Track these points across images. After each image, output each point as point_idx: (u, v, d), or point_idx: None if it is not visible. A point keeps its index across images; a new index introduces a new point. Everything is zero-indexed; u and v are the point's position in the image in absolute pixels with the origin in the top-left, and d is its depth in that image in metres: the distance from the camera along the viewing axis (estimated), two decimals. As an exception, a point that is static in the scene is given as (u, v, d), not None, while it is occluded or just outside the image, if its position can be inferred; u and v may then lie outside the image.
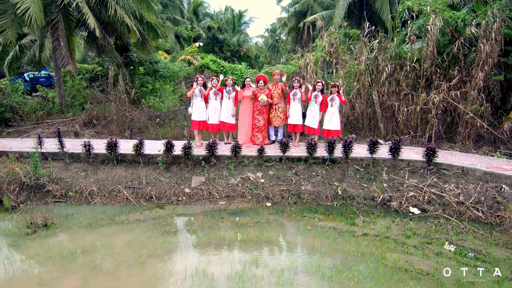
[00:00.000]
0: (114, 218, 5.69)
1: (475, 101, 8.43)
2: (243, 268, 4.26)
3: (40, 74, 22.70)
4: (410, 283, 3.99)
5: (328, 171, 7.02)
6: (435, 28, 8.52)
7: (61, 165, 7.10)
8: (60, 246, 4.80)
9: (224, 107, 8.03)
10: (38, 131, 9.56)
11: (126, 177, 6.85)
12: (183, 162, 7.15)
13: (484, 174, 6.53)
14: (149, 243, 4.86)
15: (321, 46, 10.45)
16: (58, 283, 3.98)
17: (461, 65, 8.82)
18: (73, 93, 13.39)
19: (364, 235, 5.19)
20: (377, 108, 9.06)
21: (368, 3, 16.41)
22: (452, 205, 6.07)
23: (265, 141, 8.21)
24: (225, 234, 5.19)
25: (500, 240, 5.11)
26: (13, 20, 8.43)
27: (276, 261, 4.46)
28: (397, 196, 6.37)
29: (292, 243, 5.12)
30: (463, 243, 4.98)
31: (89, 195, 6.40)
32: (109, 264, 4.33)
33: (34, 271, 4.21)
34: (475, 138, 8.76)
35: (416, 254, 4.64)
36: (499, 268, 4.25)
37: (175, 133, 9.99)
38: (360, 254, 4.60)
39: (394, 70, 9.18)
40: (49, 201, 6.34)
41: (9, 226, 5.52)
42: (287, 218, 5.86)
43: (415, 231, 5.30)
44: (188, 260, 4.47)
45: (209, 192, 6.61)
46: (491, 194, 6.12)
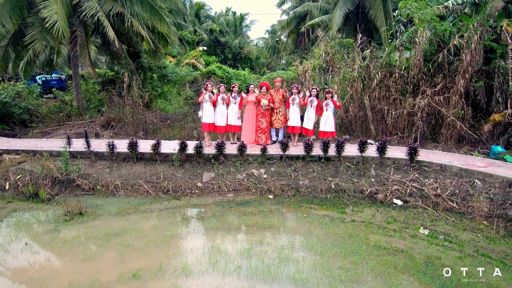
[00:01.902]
0: (138, 207, 6.57)
1: (457, 105, 9.28)
2: (250, 245, 5.13)
3: (51, 77, 23.63)
4: (387, 257, 4.84)
5: (323, 168, 7.89)
6: (422, 40, 9.37)
7: (88, 162, 7.98)
8: (95, 229, 5.68)
9: (231, 110, 8.89)
10: (60, 132, 10.46)
11: (145, 173, 7.73)
12: (195, 160, 8.02)
13: (459, 170, 7.39)
14: (170, 227, 5.74)
15: (318, 54, 11.31)
16: (100, 257, 4.85)
17: (445, 72, 9.67)
18: (88, 97, 14.29)
19: (352, 221, 6.05)
20: (368, 112, 9.92)
21: (364, 12, 17.25)
22: (430, 197, 6.93)
23: (267, 141, 9.07)
24: (234, 220, 6.06)
25: (468, 226, 5.96)
26: (41, 32, 9.30)
27: (277, 241, 5.33)
28: (383, 190, 7.23)
29: (290, 227, 5.99)
30: (435, 228, 5.84)
31: (114, 189, 7.28)
32: (139, 243, 5.20)
33: (77, 249, 5.07)
34: (457, 139, 9.60)
35: (394, 236, 5.50)
36: (499, 267, 5.11)
37: (184, 134, 10.86)
38: (347, 236, 5.47)
39: (384, 77, 10.03)
40: (79, 193, 7.22)
41: (48, 214, 6.39)
42: (287, 208, 6.72)
43: (395, 218, 6.17)
44: (205, 240, 5.35)
45: (218, 186, 7.48)
46: (464, 187, 6.98)
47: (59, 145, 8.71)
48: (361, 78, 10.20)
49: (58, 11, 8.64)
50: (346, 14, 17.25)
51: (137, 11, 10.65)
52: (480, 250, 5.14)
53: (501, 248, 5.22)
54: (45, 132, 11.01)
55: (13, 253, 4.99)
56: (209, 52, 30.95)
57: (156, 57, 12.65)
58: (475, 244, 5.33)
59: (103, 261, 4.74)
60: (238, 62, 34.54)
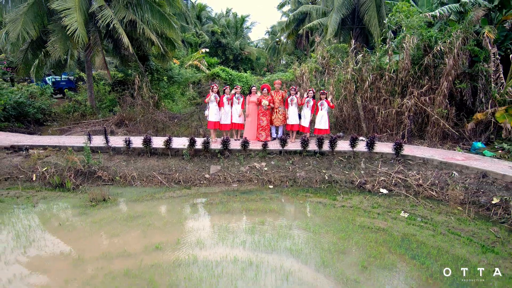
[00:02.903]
0: (154, 195, 7.37)
1: (441, 105, 10.07)
2: (253, 225, 5.92)
3: (61, 79, 24.44)
4: (370, 234, 5.64)
5: (318, 161, 8.68)
6: (409, 46, 10.15)
7: (106, 156, 8.78)
8: (119, 213, 6.47)
9: (234, 110, 9.69)
10: (78, 130, 11.26)
11: (158, 166, 8.53)
12: (203, 154, 8.82)
13: (440, 163, 8.18)
14: (184, 211, 6.54)
15: (315, 58, 12.10)
16: (126, 234, 5.64)
17: (431, 75, 10.46)
18: (99, 97, 15.08)
19: (342, 206, 6.84)
20: (360, 111, 10.71)
21: (359, 17, 18.02)
22: (413, 186, 7.72)
23: (267, 138, 9.87)
24: (238, 205, 6.85)
25: (443, 210, 6.76)
26: (61, 38, 10.08)
27: (276, 222, 6.12)
28: (371, 180, 8.02)
29: (288, 211, 6.78)
30: (414, 212, 6.64)
31: (131, 180, 8.07)
32: (158, 223, 6.00)
33: (106, 228, 5.87)
34: (442, 136, 10.39)
35: (378, 218, 6.30)
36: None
37: (191, 132, 11.65)
38: (337, 218, 6.26)
39: (375, 79, 10.82)
40: (100, 184, 8.02)
41: (75, 201, 7.17)
42: (285, 196, 7.52)
43: (380, 204, 6.97)
44: (214, 221, 6.15)
45: (224, 177, 8.28)
46: (443, 178, 7.77)
47: (78, 141, 9.54)
48: (354, 80, 11.00)
49: (77, 20, 9.44)
50: (342, 18, 18.02)
51: (148, 18, 11.45)
52: (451, 229, 5.93)
53: (470, 228, 6.01)
54: (63, 129, 11.80)
55: (49, 231, 5.79)
56: (210, 53, 31.71)
57: (165, 60, 13.45)
58: (448, 225, 6.12)
59: (129, 237, 5.54)
60: (239, 63, 35.24)
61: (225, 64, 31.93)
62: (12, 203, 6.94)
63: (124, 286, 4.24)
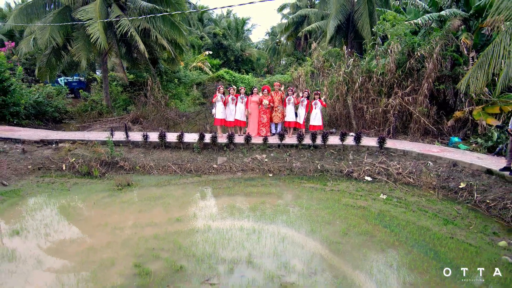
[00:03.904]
0: (170, 181, 8.47)
1: (422, 104, 11.14)
2: (255, 204, 7.02)
3: (73, 79, 25.56)
4: (352, 210, 6.73)
5: (311, 154, 9.78)
6: (394, 51, 11.23)
7: (126, 149, 9.88)
8: (142, 195, 7.57)
9: (238, 108, 10.78)
10: (97, 126, 12.36)
11: (172, 157, 9.63)
12: (211, 147, 9.92)
13: (418, 155, 9.27)
14: (196, 193, 7.64)
15: (311, 61, 13.18)
16: (150, 210, 6.74)
17: (413, 77, 11.53)
18: (113, 97, 16.16)
19: (331, 190, 7.93)
20: (351, 109, 11.79)
21: (353, 23, 19.08)
22: (393, 174, 8.81)
23: (267, 133, 10.95)
24: (243, 189, 7.95)
25: (417, 193, 7.85)
26: (84, 44, 11.17)
27: (274, 202, 7.22)
28: (357, 169, 9.11)
29: (284, 194, 7.87)
30: (392, 194, 7.73)
31: (149, 169, 9.18)
32: (176, 202, 7.10)
33: (133, 206, 6.97)
34: (424, 132, 11.46)
35: (360, 199, 7.39)
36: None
37: (199, 128, 12.75)
38: (326, 199, 7.36)
39: (364, 81, 11.90)
40: (122, 172, 9.11)
41: (103, 186, 8.27)
42: (282, 182, 8.60)
43: (363, 188, 8.06)
44: (223, 200, 7.25)
45: (230, 167, 9.37)
46: (420, 167, 8.86)
47: (100, 136, 10.64)
48: (346, 82, 12.07)
49: (99, 29, 10.52)
50: (338, 24, 19.07)
51: (160, 26, 12.52)
52: (421, 207, 7.03)
53: (437, 207, 7.10)
54: (83, 126, 12.91)
55: (85, 209, 6.89)
56: (212, 54, 32.75)
57: (174, 64, 14.55)
58: (418, 204, 7.21)
59: (153, 212, 6.64)
60: (239, 64, 36.20)
61: (226, 65, 32.91)
62: (49, 188, 8.05)
63: (154, 245, 5.33)
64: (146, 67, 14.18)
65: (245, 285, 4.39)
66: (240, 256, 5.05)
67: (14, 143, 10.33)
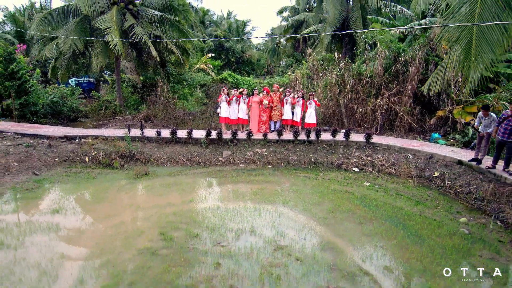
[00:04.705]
0: (181, 172, 9.55)
1: (406, 104, 12.21)
2: (256, 189, 8.09)
3: (83, 80, 26.65)
4: (339, 194, 7.81)
5: (306, 148, 10.86)
6: (381, 56, 12.31)
7: (141, 144, 10.96)
8: (158, 182, 8.65)
9: (241, 108, 11.85)
10: (113, 124, 13.44)
11: (182, 151, 10.71)
12: (217, 142, 11.00)
13: (400, 149, 10.34)
14: (205, 181, 8.72)
15: (307, 65, 14.26)
16: (167, 194, 7.81)
17: (399, 80, 12.60)
18: (124, 97, 17.24)
19: (322, 179, 9.01)
20: (342, 109, 12.87)
21: (348, 28, 20.13)
22: (378, 166, 9.89)
23: (267, 130, 12.02)
24: (245, 178, 9.03)
25: (396, 181, 8.92)
26: (102, 50, 12.23)
27: (273, 187, 8.30)
28: (346, 162, 10.19)
29: (282, 182, 8.94)
30: (375, 182, 8.81)
31: (163, 161, 10.26)
32: (188, 188, 8.18)
33: (152, 191, 8.04)
34: (408, 129, 12.54)
35: (347, 186, 8.47)
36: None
37: (205, 126, 13.82)
38: (317, 185, 8.44)
39: (355, 83, 12.97)
40: (139, 164, 10.17)
41: (124, 175, 9.34)
42: (280, 173, 9.68)
43: (351, 177, 9.14)
44: (228, 187, 8.33)
45: (233, 159, 10.45)
46: (401, 159, 9.94)
47: (117, 132, 11.71)
48: (338, 83, 13.15)
49: (117, 36, 11.59)
50: (334, 30, 20.11)
51: (169, 33, 13.58)
52: (398, 192, 8.11)
53: (412, 192, 8.18)
54: (100, 124, 13.98)
55: (112, 193, 7.97)
56: (214, 56, 33.76)
57: (181, 67, 15.62)
58: (396, 190, 8.30)
59: (170, 196, 7.72)
60: (240, 65, 37.17)
61: (227, 66, 33.88)
62: (77, 177, 9.12)
63: (174, 219, 6.42)
64: (155, 69, 15.25)
65: (249, 247, 5.47)
66: (244, 227, 6.14)
67: (40, 138, 11.42)
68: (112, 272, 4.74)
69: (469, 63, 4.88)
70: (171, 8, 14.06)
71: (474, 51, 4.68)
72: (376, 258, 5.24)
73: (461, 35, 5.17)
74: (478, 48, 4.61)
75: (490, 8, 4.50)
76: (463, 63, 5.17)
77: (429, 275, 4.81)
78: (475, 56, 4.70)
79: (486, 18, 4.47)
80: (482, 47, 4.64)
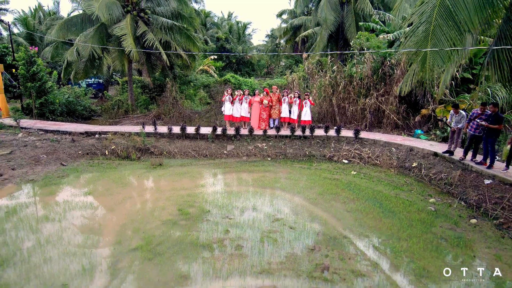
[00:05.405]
0: (191, 163, 10.71)
1: (392, 103, 13.36)
2: (257, 177, 9.25)
3: (92, 81, 27.83)
4: (328, 181, 8.97)
5: (302, 142, 12.01)
6: (369, 61, 13.45)
7: (154, 139, 12.12)
8: (172, 171, 9.81)
9: (243, 107, 13.00)
10: (127, 122, 14.59)
11: (191, 145, 11.87)
12: (221, 138, 12.15)
13: (384, 143, 11.49)
14: (213, 171, 9.89)
15: (303, 68, 15.40)
16: (181, 180, 8.97)
17: (386, 81, 13.74)
18: (134, 97, 18.38)
19: (315, 169, 10.17)
20: (335, 108, 14.02)
21: (343, 33, 21.29)
22: (364, 158, 11.04)
23: (267, 126, 13.17)
24: (248, 168, 10.18)
25: (379, 170, 10.07)
26: (118, 55, 13.38)
27: (272, 176, 9.45)
28: (337, 154, 11.34)
29: (279, 171, 10.09)
30: (360, 171, 9.96)
31: (174, 154, 11.42)
32: (198, 176, 9.34)
33: (167, 178, 9.20)
34: (394, 126, 13.69)
35: (336, 174, 9.63)
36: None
37: (210, 123, 14.97)
38: (310, 174, 9.60)
39: (346, 84, 14.11)
40: (153, 157, 11.33)
41: (141, 165, 10.49)
42: (278, 164, 10.83)
43: (340, 167, 10.29)
44: (233, 175, 9.49)
45: (237, 153, 11.61)
46: (385, 152, 11.09)
47: (131, 129, 12.86)
48: (331, 85, 14.29)
49: (131, 43, 12.74)
50: (329, 34, 21.27)
51: (178, 39, 14.73)
52: (379, 179, 9.26)
53: (392, 179, 9.33)
54: (115, 122, 15.14)
55: (133, 180, 9.12)
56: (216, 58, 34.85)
57: (188, 70, 16.78)
58: (379, 177, 9.45)
59: (183, 181, 8.88)
60: (241, 66, 38.23)
61: (228, 67, 34.96)
62: (100, 166, 10.28)
63: (188, 199, 7.57)
64: (164, 71, 16.39)
65: (251, 219, 6.63)
66: (248, 205, 7.31)
67: (62, 134, 12.60)
68: (143, 236, 5.90)
69: (425, 71, 6.03)
70: (178, 15, 15.21)
71: (428, 63, 5.83)
72: (354, 227, 6.40)
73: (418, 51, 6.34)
74: (430, 60, 5.74)
75: (442, 27, 5.61)
76: (420, 71, 6.31)
77: (395, 238, 5.97)
78: (428, 66, 5.84)
79: (438, 35, 5.59)
80: (435, 59, 5.76)
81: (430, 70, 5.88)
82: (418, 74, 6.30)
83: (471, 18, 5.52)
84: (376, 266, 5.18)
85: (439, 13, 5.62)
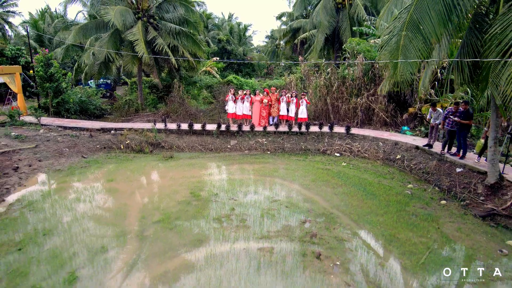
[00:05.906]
0: (198, 156, 11.82)
1: (382, 102, 14.46)
2: (258, 168, 10.36)
3: (101, 81, 28.92)
4: (321, 171, 10.08)
5: (298, 138, 13.12)
6: (360, 64, 14.55)
7: (164, 135, 13.22)
8: (182, 163, 10.91)
9: (245, 106, 14.11)
10: (137, 119, 15.71)
11: (198, 140, 12.98)
12: (225, 133, 13.26)
13: (373, 138, 12.60)
14: (218, 162, 10.99)
15: (299, 69, 16.49)
16: (190, 170, 10.07)
17: (375, 82, 14.84)
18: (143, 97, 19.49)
19: (309, 161, 11.28)
20: (329, 106, 15.12)
21: (339, 36, 22.38)
22: (355, 151, 12.15)
23: (266, 124, 14.27)
24: (249, 160, 11.30)
25: (367, 162, 11.18)
26: (131, 59, 14.47)
27: (271, 166, 10.57)
28: (330, 148, 12.45)
29: (278, 163, 11.20)
30: (350, 163, 11.07)
31: (183, 148, 12.53)
32: (206, 166, 10.45)
33: (178, 168, 10.30)
34: (384, 123, 14.78)
35: (328, 165, 10.74)
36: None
37: (213, 121, 16.08)
38: (305, 165, 10.70)
39: (340, 85, 15.20)
40: (164, 150, 12.44)
41: (154, 158, 11.59)
42: (277, 157, 11.94)
43: (332, 160, 11.40)
44: (236, 166, 10.61)
45: (239, 147, 12.72)
46: (373, 146, 12.20)
47: (142, 125, 13.97)
48: (326, 85, 15.39)
49: (143, 47, 13.84)
50: (326, 37, 22.35)
51: (184, 43, 15.83)
52: (366, 169, 10.37)
53: (377, 169, 10.44)
54: (127, 119, 16.26)
55: (148, 169, 10.22)
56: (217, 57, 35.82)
57: (193, 71, 17.89)
58: (366, 168, 10.56)
59: (192, 171, 9.99)
60: (242, 67, 39.26)
61: (229, 67, 36.02)
62: (117, 159, 11.39)
63: (198, 185, 8.67)
64: (170, 73, 17.50)
65: (253, 200, 7.75)
66: (250, 190, 8.42)
67: (80, 130, 13.71)
68: (163, 212, 7.01)
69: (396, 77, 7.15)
70: (185, 21, 16.31)
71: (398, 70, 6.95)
72: (340, 206, 7.50)
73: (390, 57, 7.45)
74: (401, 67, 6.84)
75: (411, 39, 6.71)
76: (392, 75, 7.42)
77: (373, 214, 7.08)
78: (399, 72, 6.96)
79: (406, 45, 6.70)
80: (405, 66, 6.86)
81: (401, 76, 6.98)
82: (392, 78, 7.39)
83: (435, 31, 6.62)
84: (355, 234, 6.29)
85: (408, 27, 6.72)
